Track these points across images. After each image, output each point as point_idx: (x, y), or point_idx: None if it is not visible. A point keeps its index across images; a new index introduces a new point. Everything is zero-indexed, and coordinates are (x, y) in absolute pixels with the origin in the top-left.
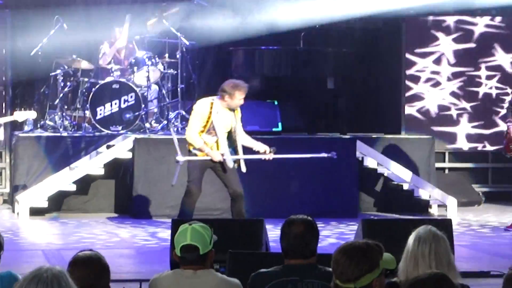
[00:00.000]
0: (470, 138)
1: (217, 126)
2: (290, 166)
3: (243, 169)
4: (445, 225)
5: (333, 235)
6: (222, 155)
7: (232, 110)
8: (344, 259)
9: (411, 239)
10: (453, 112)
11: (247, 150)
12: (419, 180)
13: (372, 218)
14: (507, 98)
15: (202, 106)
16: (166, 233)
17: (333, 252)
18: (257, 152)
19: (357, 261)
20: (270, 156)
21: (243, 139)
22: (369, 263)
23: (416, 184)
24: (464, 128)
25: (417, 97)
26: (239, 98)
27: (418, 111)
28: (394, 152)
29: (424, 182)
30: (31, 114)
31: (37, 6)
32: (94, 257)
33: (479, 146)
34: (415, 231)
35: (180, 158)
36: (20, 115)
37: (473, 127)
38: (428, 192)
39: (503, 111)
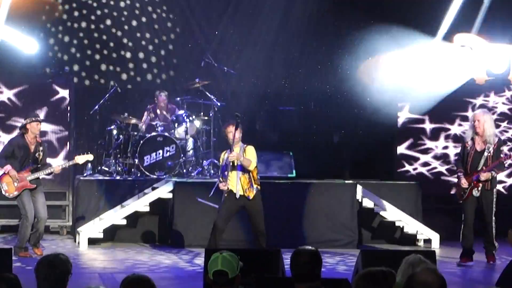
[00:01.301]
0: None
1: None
2: (302, 205)
3: (250, 194)
4: (430, 255)
5: (338, 262)
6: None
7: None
8: (365, 283)
9: (405, 265)
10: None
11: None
12: (408, 218)
13: (370, 249)
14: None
15: None
16: (200, 260)
17: (355, 278)
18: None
19: (377, 285)
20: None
21: None
22: (386, 287)
23: (406, 221)
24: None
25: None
26: (226, 133)
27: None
28: (387, 195)
29: (412, 220)
30: (89, 157)
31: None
32: (143, 279)
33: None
34: (405, 258)
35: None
36: (80, 158)
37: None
38: (415, 228)
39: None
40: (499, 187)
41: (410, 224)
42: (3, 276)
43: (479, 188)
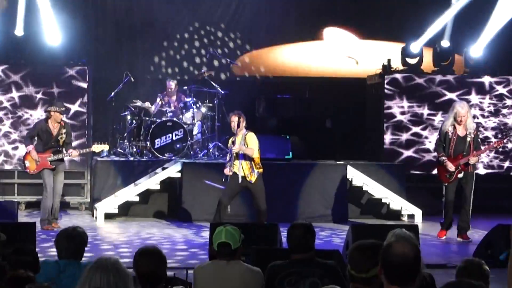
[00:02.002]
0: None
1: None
2: (298, 184)
3: (252, 177)
4: (413, 228)
5: (330, 235)
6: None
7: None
8: (359, 255)
9: (390, 237)
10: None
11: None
12: (394, 196)
13: (359, 223)
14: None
15: None
16: (206, 233)
17: (349, 249)
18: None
19: (369, 256)
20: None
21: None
22: (377, 258)
23: (391, 198)
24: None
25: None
26: (233, 124)
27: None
28: (375, 174)
29: (397, 197)
30: (105, 147)
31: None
32: (155, 250)
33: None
34: (391, 232)
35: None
36: (97, 147)
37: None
38: (400, 204)
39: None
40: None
41: (395, 201)
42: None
43: (463, 171)
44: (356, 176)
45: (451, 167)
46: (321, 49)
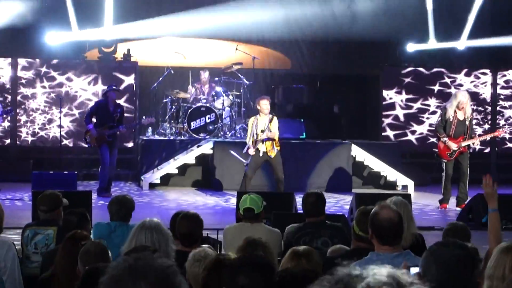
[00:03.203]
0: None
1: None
2: (310, 159)
3: (272, 153)
4: (406, 197)
5: (337, 202)
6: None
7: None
8: (363, 217)
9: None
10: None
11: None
12: (390, 169)
13: (361, 192)
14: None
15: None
16: (233, 200)
17: (356, 214)
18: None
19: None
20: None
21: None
22: None
23: (388, 171)
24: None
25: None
26: (259, 107)
27: (389, 126)
28: (375, 151)
29: (393, 170)
30: (152, 120)
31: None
32: (193, 213)
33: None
34: (389, 199)
35: (245, 162)
36: (145, 121)
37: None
38: (395, 176)
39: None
40: None
41: (391, 174)
42: (74, 211)
43: (463, 152)
44: (358, 153)
45: (453, 146)
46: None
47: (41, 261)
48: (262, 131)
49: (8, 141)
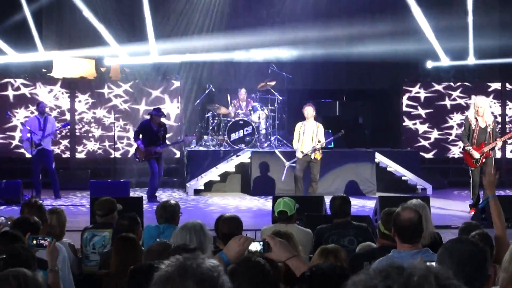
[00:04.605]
0: (437, 148)
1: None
2: (338, 165)
3: (317, 156)
4: (425, 199)
5: (362, 205)
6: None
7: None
8: (387, 217)
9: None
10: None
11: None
12: (410, 174)
13: (384, 195)
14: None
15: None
16: (269, 204)
17: (381, 214)
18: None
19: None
20: (318, 146)
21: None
22: None
23: (408, 176)
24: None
25: (408, 129)
26: (306, 112)
27: (409, 134)
28: (396, 158)
29: (413, 175)
30: (193, 138)
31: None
32: (234, 216)
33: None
34: (409, 201)
35: (286, 163)
36: (186, 139)
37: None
38: (416, 180)
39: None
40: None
41: (411, 178)
42: (126, 215)
43: (487, 157)
44: (382, 160)
45: (476, 154)
46: None
47: (99, 260)
48: (319, 141)
49: (68, 154)
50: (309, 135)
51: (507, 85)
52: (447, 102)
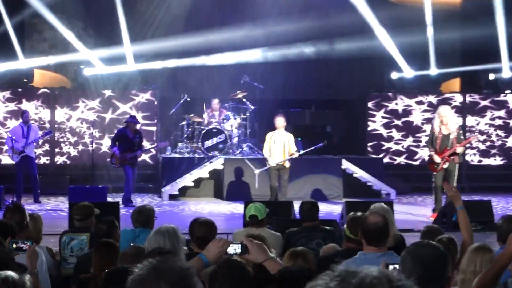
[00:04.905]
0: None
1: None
2: (307, 172)
3: (287, 164)
4: (389, 204)
5: (329, 209)
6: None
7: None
8: (353, 222)
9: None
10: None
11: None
12: (375, 180)
13: (350, 200)
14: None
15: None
16: (241, 208)
17: (346, 219)
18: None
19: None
20: (296, 155)
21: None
22: None
23: (373, 182)
24: (397, 151)
25: (373, 137)
26: (278, 123)
27: (374, 143)
28: (362, 165)
29: (377, 180)
30: (166, 144)
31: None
32: (209, 220)
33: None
34: (373, 205)
35: (256, 171)
36: (160, 145)
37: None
38: (380, 186)
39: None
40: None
41: (376, 184)
42: (104, 219)
43: (448, 162)
44: (348, 167)
45: (437, 159)
46: None
47: (75, 263)
48: (297, 151)
49: (47, 159)
50: (280, 145)
51: (467, 97)
52: (412, 111)
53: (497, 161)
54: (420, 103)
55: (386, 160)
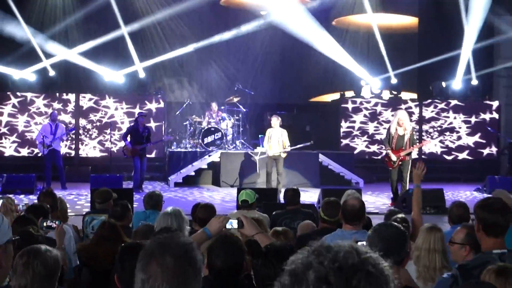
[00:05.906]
0: (370, 152)
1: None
2: (290, 165)
3: (283, 155)
4: (358, 190)
5: (309, 195)
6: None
7: (280, 130)
8: (327, 206)
9: (345, 195)
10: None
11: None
12: (346, 171)
13: (325, 187)
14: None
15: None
16: (234, 194)
17: (321, 204)
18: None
19: (335, 208)
20: (289, 149)
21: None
22: (338, 209)
23: (345, 172)
24: (365, 148)
25: (347, 136)
26: (273, 122)
27: (346, 139)
28: (336, 158)
29: (348, 171)
30: (171, 138)
31: (178, 92)
32: (209, 204)
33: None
34: (346, 192)
35: (256, 157)
36: (166, 138)
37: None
38: (351, 176)
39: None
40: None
41: (347, 174)
42: (119, 202)
43: (403, 161)
44: (324, 160)
45: (394, 157)
46: None
47: None
48: (288, 145)
49: (73, 152)
50: (276, 139)
51: (423, 108)
52: (377, 112)
53: (449, 157)
54: (383, 103)
55: (356, 154)
